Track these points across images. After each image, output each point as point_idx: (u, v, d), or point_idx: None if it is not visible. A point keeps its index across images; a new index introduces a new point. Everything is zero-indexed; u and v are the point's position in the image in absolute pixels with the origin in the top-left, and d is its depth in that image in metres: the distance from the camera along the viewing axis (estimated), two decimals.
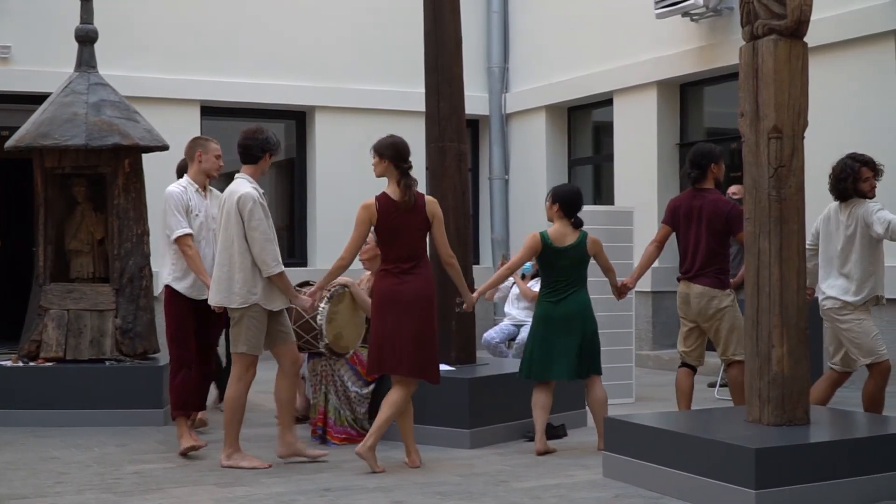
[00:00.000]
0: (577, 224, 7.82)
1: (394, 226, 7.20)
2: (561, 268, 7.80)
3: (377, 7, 15.25)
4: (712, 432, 6.58)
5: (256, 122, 8.01)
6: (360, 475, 7.07)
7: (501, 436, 8.18)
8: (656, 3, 12.75)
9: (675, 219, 8.26)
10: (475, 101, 15.17)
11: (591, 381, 7.90)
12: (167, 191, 8.05)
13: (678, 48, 13.09)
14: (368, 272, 8.71)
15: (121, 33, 13.18)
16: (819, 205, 8.19)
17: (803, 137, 6.61)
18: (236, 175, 7.47)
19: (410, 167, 7.29)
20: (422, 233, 7.31)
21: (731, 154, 13.09)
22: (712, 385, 10.99)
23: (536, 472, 7.18)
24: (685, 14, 12.59)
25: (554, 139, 15.60)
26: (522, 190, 15.91)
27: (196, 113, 14.29)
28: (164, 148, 9.60)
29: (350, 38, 15.16)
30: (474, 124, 16.22)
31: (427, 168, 8.93)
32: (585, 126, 15.76)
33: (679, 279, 8.30)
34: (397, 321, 7.16)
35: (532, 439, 8.07)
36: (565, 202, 7.82)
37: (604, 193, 15.19)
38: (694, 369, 8.41)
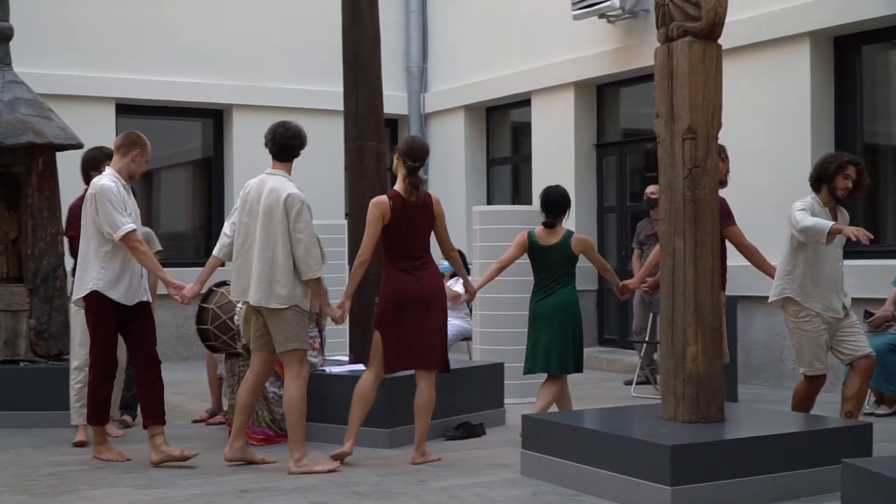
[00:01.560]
0: (548, 224, 7.93)
1: (406, 223, 7.34)
2: (547, 265, 7.94)
3: (295, 5, 15.19)
4: (628, 430, 6.65)
5: (288, 121, 7.45)
6: (279, 476, 7.04)
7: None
8: (573, 4, 12.84)
9: None
10: (394, 100, 15.19)
11: (560, 377, 8.01)
12: (103, 185, 7.42)
13: (595, 49, 13.20)
14: None
15: (36, 31, 12.98)
16: (733, 203, 8.30)
17: (717, 138, 6.70)
18: (271, 172, 7.28)
19: (417, 167, 7.39)
20: (429, 230, 7.48)
21: (646, 155, 13.25)
22: (628, 383, 11.10)
23: (455, 471, 7.19)
24: (602, 16, 12.70)
25: (472, 139, 15.65)
26: (441, 189, 15.91)
27: (111, 111, 14.12)
28: (79, 146, 9.47)
29: (268, 36, 15.07)
30: (393, 124, 16.22)
31: (345, 167, 8.92)
32: (504, 126, 15.83)
33: None
34: (420, 317, 7.36)
35: (451, 438, 8.09)
36: (542, 202, 8.01)
37: (522, 193, 15.28)
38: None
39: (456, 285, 11.28)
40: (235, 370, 8.35)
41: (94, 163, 8.35)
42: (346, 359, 8.87)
